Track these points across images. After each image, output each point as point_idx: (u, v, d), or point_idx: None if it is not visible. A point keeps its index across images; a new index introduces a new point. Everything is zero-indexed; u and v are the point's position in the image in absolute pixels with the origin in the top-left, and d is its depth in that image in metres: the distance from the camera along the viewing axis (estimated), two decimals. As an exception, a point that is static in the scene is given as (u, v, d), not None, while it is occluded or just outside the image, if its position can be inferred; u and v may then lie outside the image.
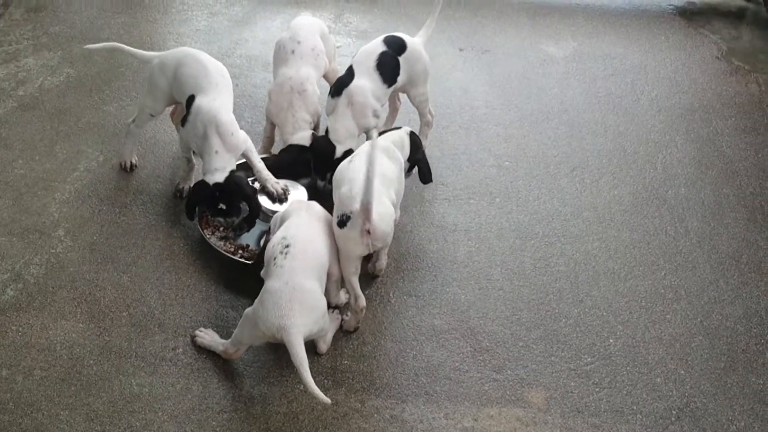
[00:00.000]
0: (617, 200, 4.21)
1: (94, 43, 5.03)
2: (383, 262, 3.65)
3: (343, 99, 3.91)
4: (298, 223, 3.27)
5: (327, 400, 2.92)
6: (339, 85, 3.95)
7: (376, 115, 3.99)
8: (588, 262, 3.87)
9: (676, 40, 5.52)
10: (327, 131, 3.94)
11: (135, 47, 5.01)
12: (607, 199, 4.22)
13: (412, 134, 3.82)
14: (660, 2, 5.95)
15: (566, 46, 5.41)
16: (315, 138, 3.98)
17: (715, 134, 4.69)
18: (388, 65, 4.00)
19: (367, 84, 3.94)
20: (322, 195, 3.88)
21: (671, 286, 3.77)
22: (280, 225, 3.32)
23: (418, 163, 3.83)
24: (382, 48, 4.02)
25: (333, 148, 3.87)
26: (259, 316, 3.03)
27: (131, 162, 4.15)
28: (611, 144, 4.58)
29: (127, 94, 4.71)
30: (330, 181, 3.87)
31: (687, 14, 5.82)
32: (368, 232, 3.24)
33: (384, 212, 3.32)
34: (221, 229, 3.75)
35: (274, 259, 3.13)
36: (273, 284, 3.06)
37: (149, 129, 4.43)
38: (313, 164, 3.94)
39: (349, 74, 3.96)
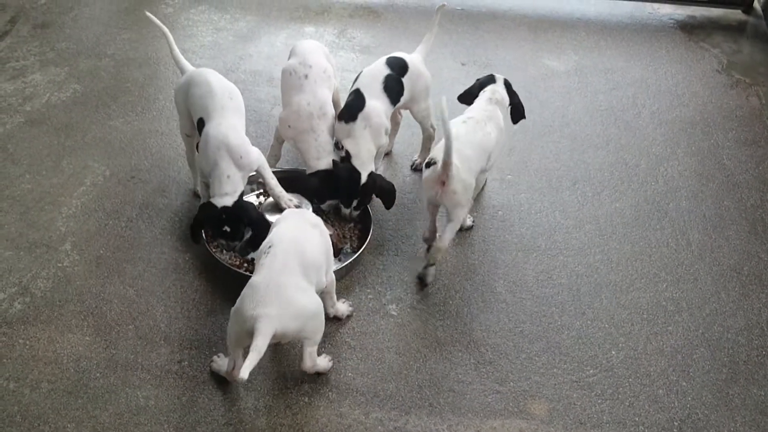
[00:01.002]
0: (619, 213, 4.24)
1: (101, 59, 5.11)
2: (446, 240, 3.74)
3: (359, 123, 3.91)
4: (285, 226, 3.29)
5: (244, 376, 2.82)
6: (352, 110, 3.94)
7: (387, 133, 4.04)
8: (590, 274, 3.89)
9: (677, 54, 5.56)
10: (347, 156, 3.93)
11: (141, 63, 5.12)
12: (609, 211, 4.24)
13: (505, 81, 4.04)
14: (661, 16, 5.99)
15: (568, 60, 5.45)
16: (338, 167, 3.94)
17: (716, 147, 4.72)
18: (394, 87, 4.04)
19: (379, 105, 3.97)
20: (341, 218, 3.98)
21: (673, 298, 3.79)
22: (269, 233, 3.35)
23: (514, 106, 4.05)
24: (387, 71, 4.05)
25: (358, 175, 3.88)
26: (237, 310, 3.04)
27: (195, 191, 4.14)
28: (613, 157, 4.61)
29: (133, 109, 4.75)
30: (357, 207, 3.93)
31: (687, 28, 5.86)
32: (443, 183, 3.60)
33: (464, 179, 3.66)
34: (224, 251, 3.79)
35: (259, 260, 3.17)
36: (252, 280, 3.09)
37: (154, 144, 4.48)
38: (340, 192, 3.93)
39: (359, 98, 3.96)
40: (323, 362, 3.34)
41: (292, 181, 3.97)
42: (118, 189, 4.20)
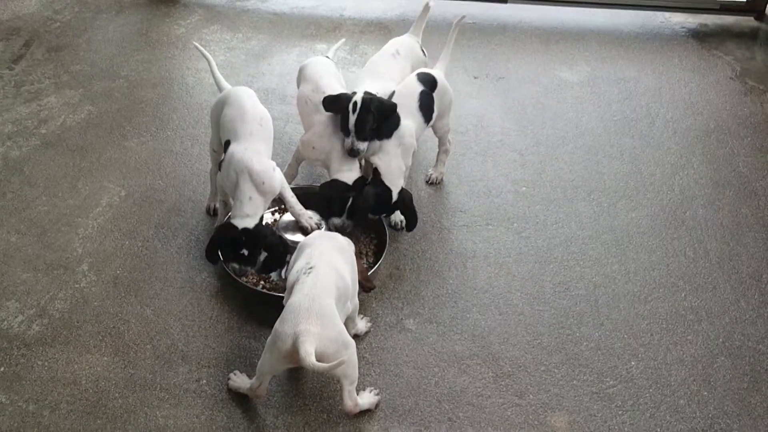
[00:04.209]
0: (635, 223, 4.22)
1: (114, 80, 5.16)
2: None
3: (393, 140, 3.92)
4: (321, 250, 3.29)
5: (334, 365, 2.92)
6: (388, 129, 3.94)
7: (414, 154, 4.05)
8: (607, 285, 3.87)
9: (690, 62, 5.54)
10: (377, 172, 3.92)
11: (154, 83, 5.16)
12: (625, 221, 4.23)
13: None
14: (672, 25, 5.98)
15: (580, 70, 5.44)
16: (370, 189, 3.89)
17: (732, 154, 4.70)
18: (427, 104, 4.07)
19: (412, 125, 3.99)
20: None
21: (692, 308, 3.77)
22: (300, 254, 3.35)
23: None
24: (420, 87, 4.07)
25: (390, 193, 3.88)
26: (276, 332, 3.03)
27: (213, 206, 4.15)
28: (628, 167, 4.59)
29: (147, 129, 4.78)
30: (389, 214, 3.96)
31: (700, 36, 5.85)
32: None
33: None
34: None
35: (297, 280, 3.15)
36: (293, 299, 3.07)
37: (169, 164, 4.49)
38: (373, 206, 3.89)
39: (395, 117, 3.96)
40: (367, 399, 3.28)
41: (310, 195, 3.97)
42: (133, 209, 4.22)
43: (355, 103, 3.85)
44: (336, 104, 3.90)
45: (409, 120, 4.00)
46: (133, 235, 4.06)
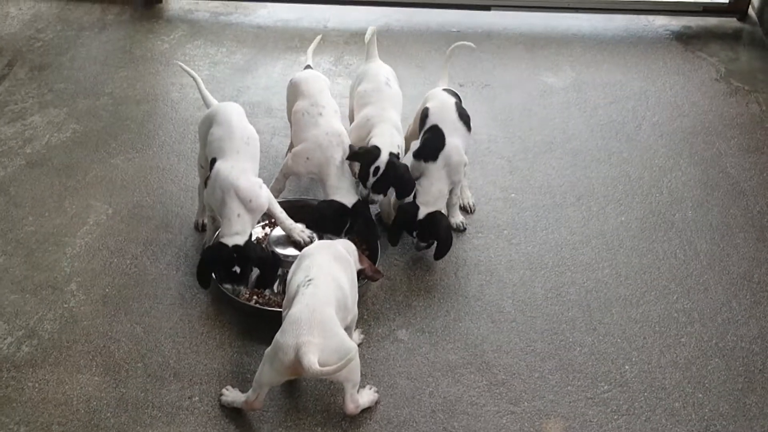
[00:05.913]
0: (625, 226, 4.22)
1: (99, 98, 5.14)
2: None
3: (440, 162, 3.89)
4: (320, 262, 3.28)
5: (340, 365, 2.95)
6: (432, 150, 3.91)
7: (465, 165, 4.02)
8: (599, 289, 3.87)
9: (675, 65, 5.56)
10: (415, 194, 3.92)
11: (139, 100, 5.14)
12: (615, 225, 4.23)
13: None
14: (656, 28, 5.99)
15: (565, 76, 5.45)
16: (402, 205, 3.95)
17: (719, 155, 4.71)
18: (465, 113, 4.06)
19: (459, 141, 3.96)
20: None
21: (684, 310, 3.76)
22: (299, 266, 3.33)
23: None
24: (453, 99, 4.09)
25: (416, 210, 3.86)
26: (277, 343, 3.02)
27: (202, 221, 4.12)
28: (616, 171, 4.60)
29: (133, 146, 4.75)
30: (421, 238, 3.92)
31: (684, 38, 5.86)
32: None
33: None
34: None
35: (297, 292, 3.15)
36: (294, 310, 3.07)
37: (156, 180, 4.47)
38: (400, 224, 3.92)
39: (439, 135, 3.93)
40: (367, 397, 3.29)
41: (298, 209, 3.96)
42: (121, 227, 4.19)
43: (377, 168, 3.83)
44: (362, 157, 3.88)
45: (454, 137, 3.95)
46: (122, 252, 4.04)
